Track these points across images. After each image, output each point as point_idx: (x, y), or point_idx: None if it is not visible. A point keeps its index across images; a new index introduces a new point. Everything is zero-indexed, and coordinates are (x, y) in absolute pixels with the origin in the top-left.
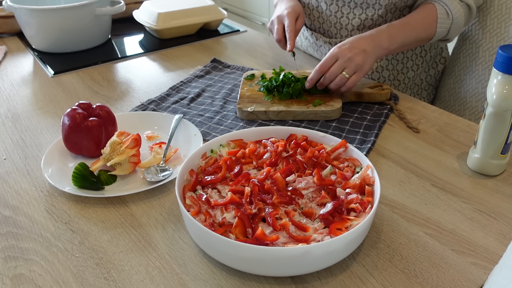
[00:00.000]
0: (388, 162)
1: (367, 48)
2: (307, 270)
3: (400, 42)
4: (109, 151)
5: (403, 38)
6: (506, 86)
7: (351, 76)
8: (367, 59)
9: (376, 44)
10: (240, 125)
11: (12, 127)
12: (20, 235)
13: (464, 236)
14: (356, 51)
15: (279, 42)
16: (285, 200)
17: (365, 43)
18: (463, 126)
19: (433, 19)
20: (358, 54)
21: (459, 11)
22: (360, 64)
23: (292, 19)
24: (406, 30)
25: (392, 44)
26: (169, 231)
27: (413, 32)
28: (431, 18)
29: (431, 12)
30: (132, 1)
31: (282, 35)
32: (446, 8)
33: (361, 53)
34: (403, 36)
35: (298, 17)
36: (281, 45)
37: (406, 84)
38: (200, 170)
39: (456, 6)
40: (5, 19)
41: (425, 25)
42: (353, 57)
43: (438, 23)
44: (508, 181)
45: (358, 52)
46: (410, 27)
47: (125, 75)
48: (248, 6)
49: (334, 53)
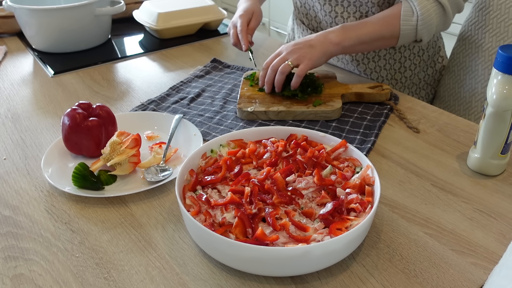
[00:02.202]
0: (388, 162)
1: (313, 43)
2: (307, 270)
3: (356, 38)
4: (109, 151)
5: (358, 35)
6: (506, 86)
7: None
8: (312, 53)
9: (325, 40)
10: (240, 125)
11: (12, 127)
12: (20, 235)
13: (464, 236)
14: (300, 45)
15: (235, 45)
16: (285, 200)
17: (313, 39)
18: (463, 126)
19: (396, 17)
20: (301, 48)
21: (428, 10)
22: (303, 55)
23: (244, 21)
24: (363, 27)
25: (346, 40)
26: (169, 231)
27: (372, 30)
28: (393, 16)
29: (395, 10)
30: (132, 1)
31: (237, 38)
32: (412, 5)
33: (305, 47)
34: (358, 33)
35: (251, 17)
36: (238, 48)
37: (404, 84)
38: (200, 170)
39: (425, 4)
40: (5, 19)
41: (386, 22)
42: (295, 50)
43: (402, 20)
44: (508, 181)
45: (301, 47)
46: (368, 24)
47: (125, 75)
48: None
49: (278, 50)
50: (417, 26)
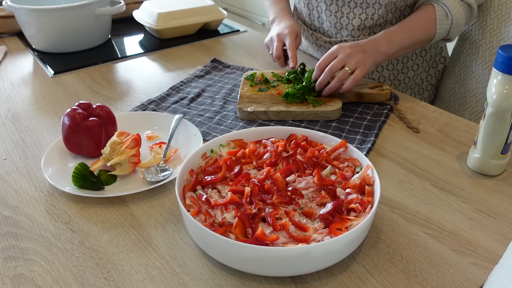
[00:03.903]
0: (388, 162)
1: (366, 49)
2: (307, 270)
3: (399, 45)
4: (109, 151)
5: (401, 42)
6: (506, 86)
7: (354, 71)
8: (368, 59)
9: (375, 48)
10: (240, 125)
11: (12, 127)
12: (20, 235)
13: (464, 236)
14: (356, 49)
15: (278, 59)
16: (285, 200)
17: (365, 45)
18: (463, 126)
19: (432, 21)
20: (358, 52)
21: (458, 11)
22: (361, 61)
23: (293, 38)
24: (405, 33)
25: (391, 48)
26: (169, 231)
27: (412, 35)
28: (430, 20)
29: (430, 14)
30: (132, 1)
31: (282, 52)
32: (445, 8)
33: (361, 52)
34: (401, 40)
35: (297, 36)
36: (279, 62)
37: (407, 84)
38: (200, 170)
39: (456, 6)
40: (5, 19)
41: (424, 27)
42: (353, 54)
43: (438, 24)
44: (508, 181)
45: (358, 51)
46: (409, 31)
47: (125, 75)
48: (248, 6)
49: (334, 50)
50: (451, 29)
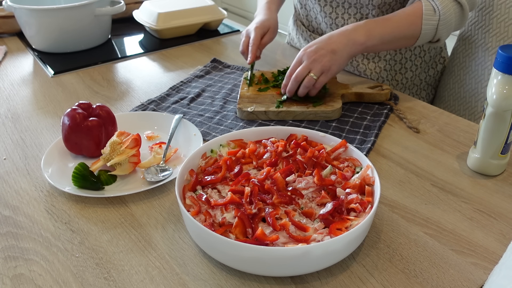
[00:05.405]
0: (388, 162)
1: (336, 48)
2: (307, 270)
3: (379, 38)
4: (109, 151)
5: (382, 34)
6: (506, 86)
7: (319, 77)
8: (335, 60)
9: (349, 41)
10: (240, 125)
11: (12, 127)
12: (20, 235)
13: (464, 236)
14: (322, 52)
15: (243, 54)
16: (285, 200)
17: (335, 42)
18: (463, 126)
19: (418, 15)
20: (324, 55)
21: (447, 8)
22: (326, 66)
23: (258, 34)
24: (386, 25)
25: (370, 40)
26: (169, 231)
27: (395, 28)
28: (416, 14)
29: (417, 8)
30: (132, 1)
31: (246, 48)
32: (433, 4)
33: (328, 54)
34: (382, 32)
35: (266, 31)
36: (244, 57)
37: (405, 85)
38: (200, 170)
39: (445, 2)
40: (5, 19)
41: (409, 21)
42: (318, 59)
43: (424, 20)
44: (508, 181)
45: (324, 53)
46: (391, 23)
47: (125, 75)
48: (248, 6)
49: (299, 57)
50: (438, 26)
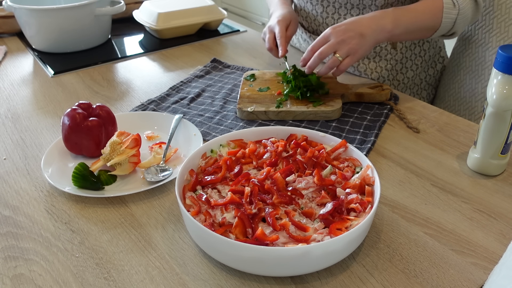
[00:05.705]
0: (388, 162)
1: (365, 32)
2: (307, 270)
3: (405, 27)
4: (109, 151)
5: (408, 23)
6: (506, 86)
7: (344, 59)
8: (363, 44)
9: (378, 27)
10: (240, 125)
11: (12, 127)
12: (20, 235)
13: (464, 236)
14: (351, 34)
15: (271, 50)
16: (285, 200)
17: (364, 25)
18: (463, 126)
19: (439, 9)
20: (353, 38)
21: (466, 3)
22: (353, 48)
23: (282, 27)
24: (412, 15)
25: (396, 28)
26: (169, 231)
27: (419, 18)
28: (437, 7)
29: (437, 2)
30: (132, 1)
31: (273, 43)
32: None
33: (357, 36)
34: (408, 21)
35: (289, 24)
36: (273, 53)
37: (406, 84)
38: (200, 170)
39: None
40: (5, 19)
41: (432, 14)
42: (347, 40)
43: (444, 12)
44: (508, 181)
45: (353, 35)
46: (417, 13)
47: (125, 75)
48: (248, 6)
49: (327, 34)
50: (456, 19)
